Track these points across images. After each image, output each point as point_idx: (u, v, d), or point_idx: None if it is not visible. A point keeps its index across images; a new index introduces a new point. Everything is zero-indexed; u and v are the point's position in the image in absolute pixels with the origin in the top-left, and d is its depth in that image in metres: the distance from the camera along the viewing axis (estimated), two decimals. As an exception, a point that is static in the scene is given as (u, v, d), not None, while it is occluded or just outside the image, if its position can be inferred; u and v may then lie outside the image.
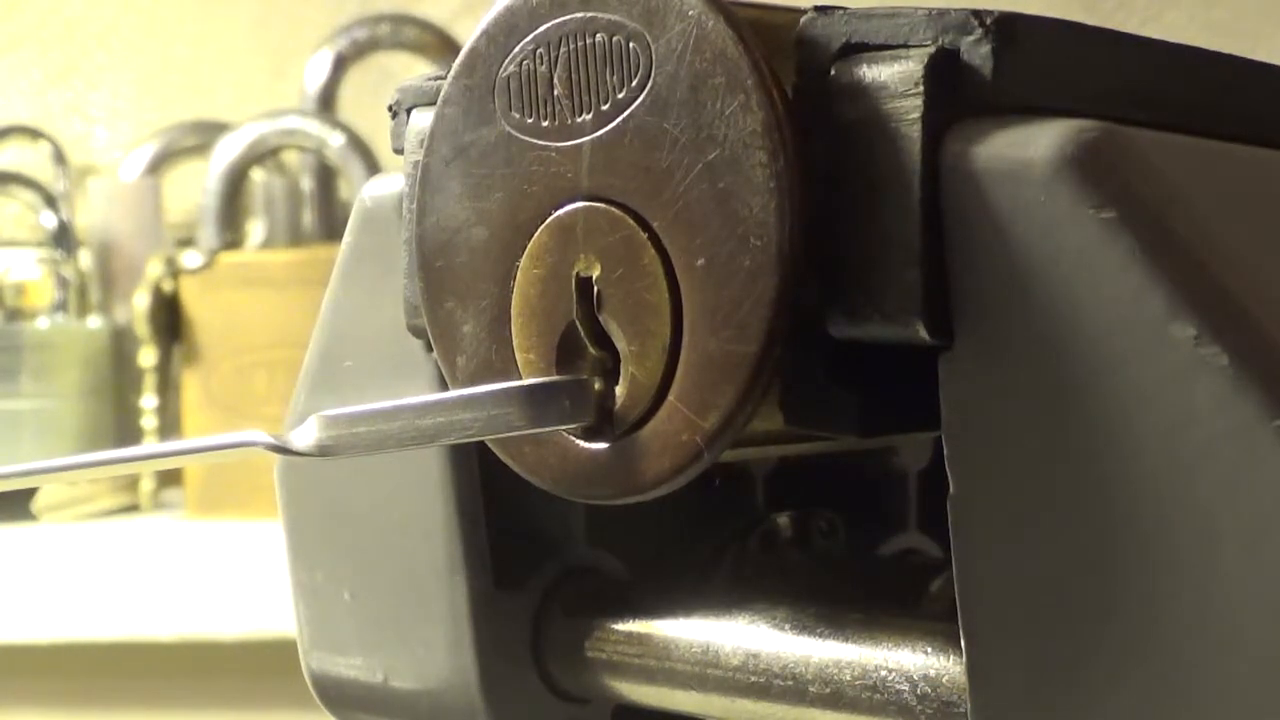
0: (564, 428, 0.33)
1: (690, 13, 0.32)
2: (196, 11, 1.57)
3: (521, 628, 0.41)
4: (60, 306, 1.31)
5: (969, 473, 0.31)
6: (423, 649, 0.40)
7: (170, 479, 1.28)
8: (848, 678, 0.35)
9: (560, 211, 0.34)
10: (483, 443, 0.35)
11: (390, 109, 0.39)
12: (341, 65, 1.35)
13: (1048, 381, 0.30)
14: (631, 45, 0.33)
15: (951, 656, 0.34)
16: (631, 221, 0.33)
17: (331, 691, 0.43)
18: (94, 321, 1.32)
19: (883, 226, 0.31)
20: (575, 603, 0.41)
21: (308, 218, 1.32)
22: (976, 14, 0.31)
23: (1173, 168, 0.31)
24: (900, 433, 0.34)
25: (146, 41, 1.57)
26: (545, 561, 0.41)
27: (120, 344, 1.31)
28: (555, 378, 0.34)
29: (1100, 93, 0.32)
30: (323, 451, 0.32)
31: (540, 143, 0.34)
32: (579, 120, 0.33)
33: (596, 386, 0.33)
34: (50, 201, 1.37)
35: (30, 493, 1.18)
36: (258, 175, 1.33)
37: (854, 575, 0.44)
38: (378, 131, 1.24)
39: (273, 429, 0.33)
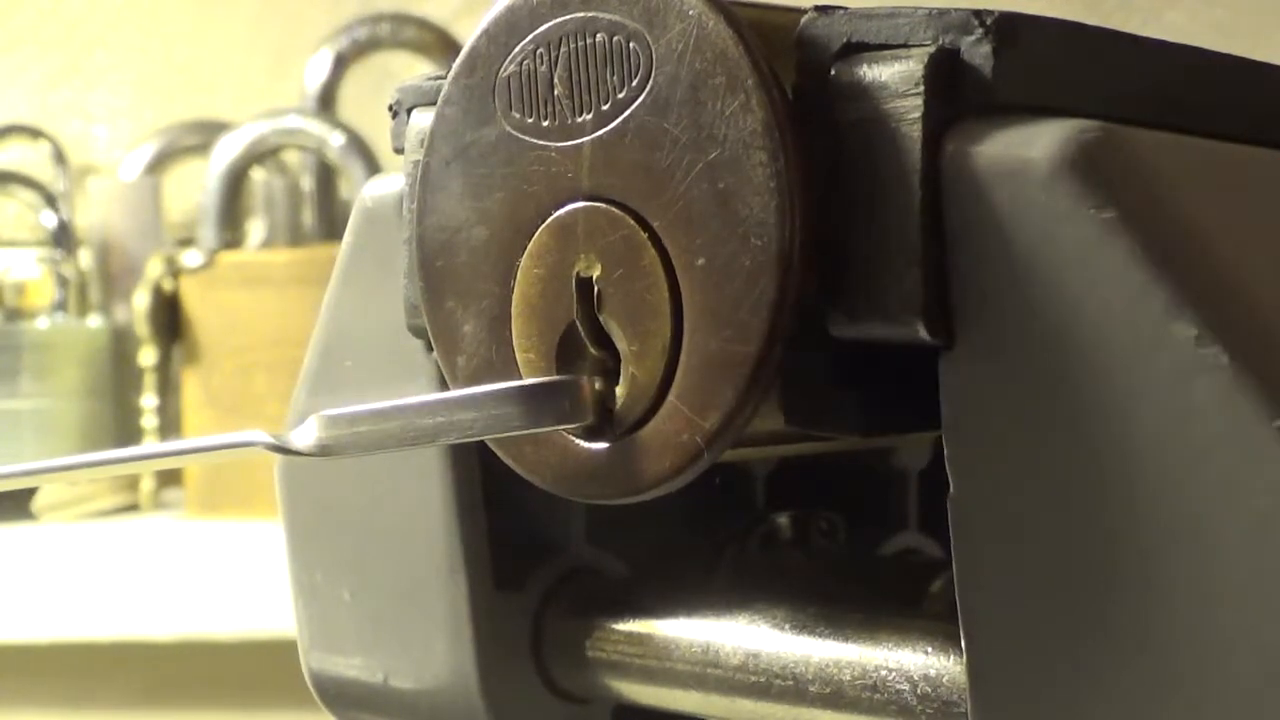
0: (564, 428, 0.33)
1: (690, 13, 0.32)
2: (196, 11, 1.57)
3: (521, 628, 0.41)
4: (60, 306, 1.31)
5: (969, 473, 0.31)
6: (423, 649, 0.40)
7: (170, 479, 1.28)
8: (848, 678, 0.35)
9: (560, 211, 0.34)
10: (483, 443, 0.35)
11: (390, 109, 0.39)
12: (341, 65, 1.35)
13: (1048, 381, 0.30)
14: (632, 45, 0.33)
15: (951, 656, 0.34)
16: (632, 221, 0.33)
17: (331, 691, 0.43)
18: (94, 321, 1.32)
19: (883, 226, 0.31)
20: (575, 603, 0.41)
21: (308, 218, 1.32)
22: (977, 14, 0.31)
23: (1173, 168, 0.31)
24: (900, 433, 0.34)
25: (146, 41, 1.57)
26: (545, 561, 0.41)
27: (120, 344, 1.31)
28: (555, 378, 0.34)
29: (1100, 93, 0.32)
30: (323, 451, 0.33)
31: (540, 143, 0.34)
32: (579, 120, 0.33)
33: (596, 386, 0.33)
34: (50, 201, 1.37)
35: (30, 493, 1.18)
36: (258, 175, 1.33)
37: (854, 575, 0.44)
38: (378, 131, 1.24)
39: (273, 429, 0.33)
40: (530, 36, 0.34)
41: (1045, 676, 0.30)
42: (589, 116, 0.33)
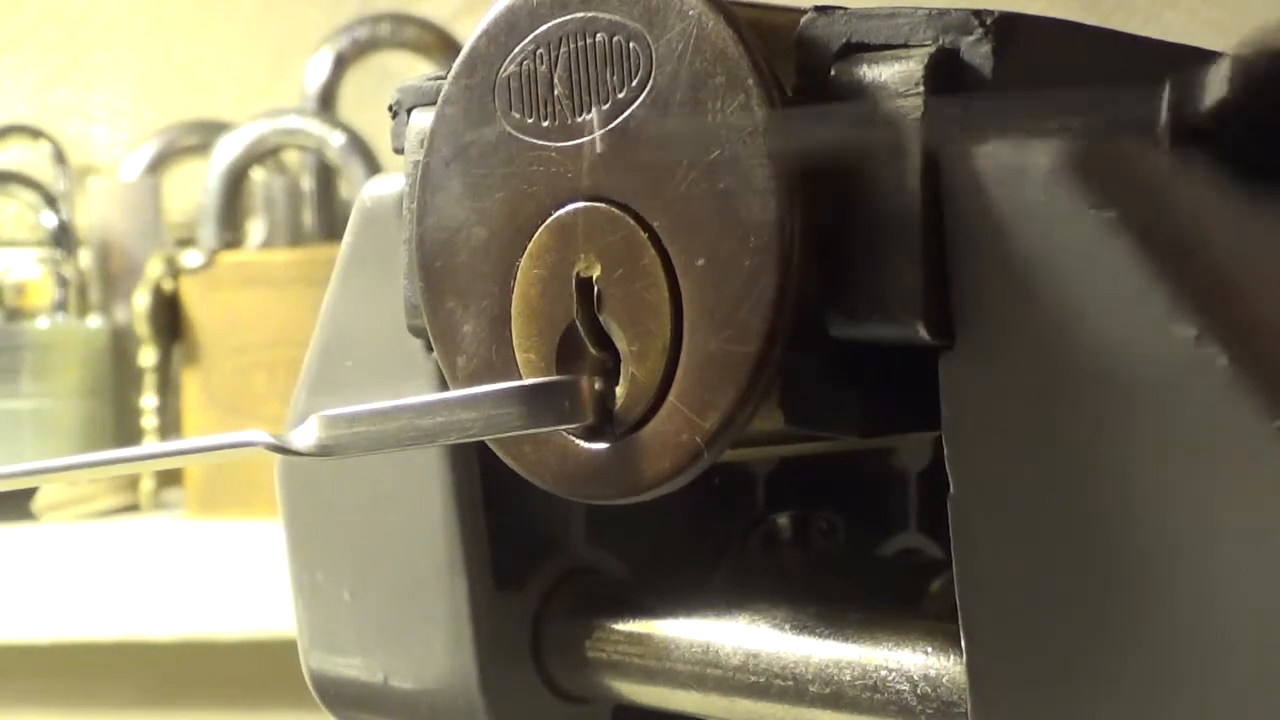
0: (564, 428, 0.33)
1: (690, 13, 0.32)
2: (196, 11, 1.57)
3: (521, 628, 0.41)
4: (60, 306, 1.31)
5: (969, 473, 0.31)
6: (423, 649, 0.40)
7: (170, 479, 1.28)
8: (848, 678, 0.35)
9: (560, 211, 0.34)
10: (483, 443, 0.35)
11: (390, 109, 0.39)
12: (341, 65, 1.35)
13: (1047, 381, 0.30)
14: (632, 45, 0.33)
15: (951, 656, 0.34)
16: (632, 221, 0.33)
17: (331, 691, 0.43)
18: (94, 321, 1.32)
19: (883, 226, 0.31)
20: (575, 603, 0.41)
21: (308, 218, 1.32)
22: (976, 14, 0.31)
23: (1172, 168, 0.31)
24: (900, 433, 0.34)
25: (146, 41, 1.57)
26: (545, 561, 0.41)
27: (120, 344, 1.31)
28: (555, 378, 0.34)
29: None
30: (323, 451, 0.33)
31: (540, 143, 0.34)
32: (579, 120, 0.33)
33: (596, 386, 0.33)
34: (50, 201, 1.37)
35: (30, 493, 1.18)
36: (258, 175, 1.33)
37: (854, 575, 0.44)
38: (378, 131, 1.24)
39: (273, 429, 0.33)
40: (530, 37, 0.34)
41: (1045, 676, 0.30)
42: (589, 116, 0.33)
